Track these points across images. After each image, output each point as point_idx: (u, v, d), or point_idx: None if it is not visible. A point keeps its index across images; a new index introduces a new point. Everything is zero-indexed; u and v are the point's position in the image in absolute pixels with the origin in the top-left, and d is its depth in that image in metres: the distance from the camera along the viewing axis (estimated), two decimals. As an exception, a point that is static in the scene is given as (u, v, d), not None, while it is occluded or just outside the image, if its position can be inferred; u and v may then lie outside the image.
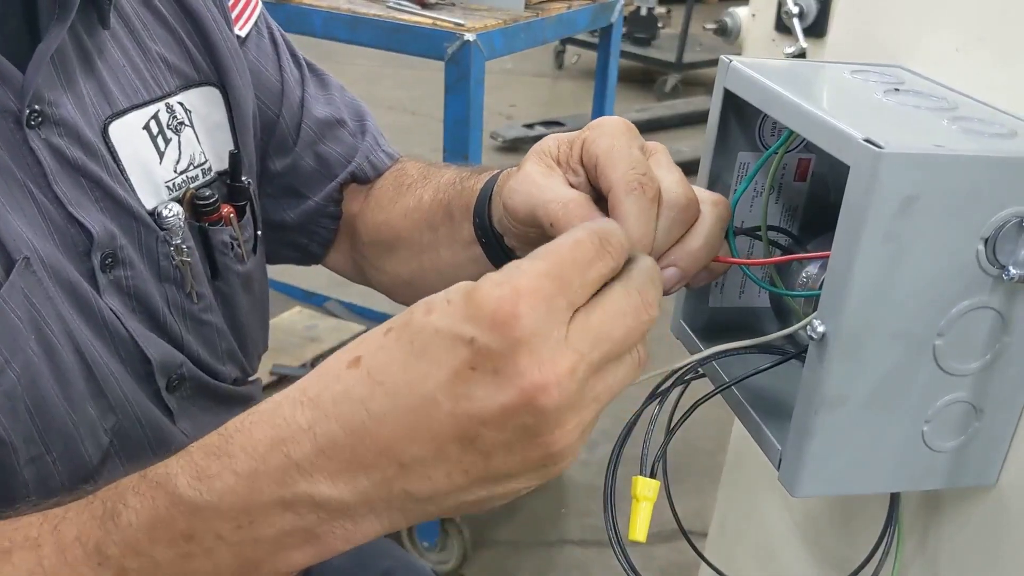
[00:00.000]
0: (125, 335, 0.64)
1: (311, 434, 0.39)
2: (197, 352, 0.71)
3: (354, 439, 0.39)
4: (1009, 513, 0.56)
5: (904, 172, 0.46)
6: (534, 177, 0.56)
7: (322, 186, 0.84)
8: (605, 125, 0.56)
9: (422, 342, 0.39)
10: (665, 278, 0.53)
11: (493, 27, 1.51)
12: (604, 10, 1.80)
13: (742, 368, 0.59)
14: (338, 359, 0.41)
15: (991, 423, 0.54)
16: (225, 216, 0.72)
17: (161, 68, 0.69)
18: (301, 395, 0.40)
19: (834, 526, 0.73)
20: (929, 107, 0.54)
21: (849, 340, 0.49)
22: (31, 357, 0.56)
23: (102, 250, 0.62)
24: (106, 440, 0.63)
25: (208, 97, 0.72)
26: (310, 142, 0.83)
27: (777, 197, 0.66)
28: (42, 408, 0.57)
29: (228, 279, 0.74)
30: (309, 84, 0.84)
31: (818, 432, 0.51)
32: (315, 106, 0.83)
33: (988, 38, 0.58)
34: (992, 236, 0.48)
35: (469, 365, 0.38)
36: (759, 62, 0.60)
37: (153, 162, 0.67)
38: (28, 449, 0.58)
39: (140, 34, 0.69)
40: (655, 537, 1.84)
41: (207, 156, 0.72)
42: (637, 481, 0.52)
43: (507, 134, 4.20)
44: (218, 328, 0.74)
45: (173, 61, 0.71)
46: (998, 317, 0.50)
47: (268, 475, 0.39)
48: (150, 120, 0.67)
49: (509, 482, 0.41)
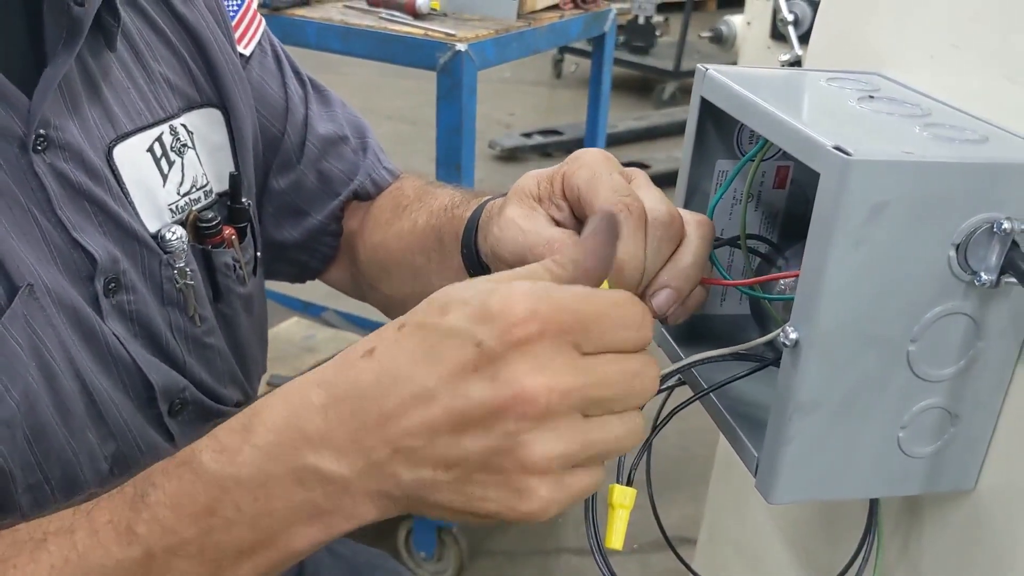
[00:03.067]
0: (128, 360, 0.64)
1: (323, 412, 0.42)
2: (200, 376, 0.71)
3: (358, 422, 0.42)
4: (988, 517, 0.56)
5: (873, 179, 0.46)
6: (517, 222, 0.57)
7: (325, 204, 0.84)
8: (583, 157, 0.56)
9: (433, 339, 0.41)
10: (660, 300, 0.55)
11: (485, 37, 1.52)
12: (596, 19, 1.81)
13: (722, 376, 0.59)
14: (355, 350, 0.44)
15: (967, 428, 0.54)
16: (227, 238, 0.71)
17: (165, 89, 0.69)
18: (319, 378, 0.44)
19: (817, 532, 0.73)
20: (902, 114, 0.55)
21: (822, 346, 0.49)
22: (31, 384, 0.56)
23: (105, 275, 0.62)
24: (106, 467, 0.63)
25: (210, 118, 0.72)
26: (313, 159, 0.83)
27: (756, 205, 0.66)
28: (41, 436, 0.58)
29: (230, 301, 0.74)
30: (312, 101, 0.84)
31: (793, 438, 0.51)
32: (318, 123, 0.83)
33: (962, 45, 0.58)
34: (963, 242, 0.48)
35: (472, 366, 0.40)
36: (736, 70, 0.60)
37: (156, 185, 0.66)
38: (26, 476, 0.58)
39: (144, 55, 0.68)
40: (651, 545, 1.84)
41: (208, 178, 0.72)
42: (614, 489, 0.53)
43: (505, 143, 4.20)
44: (220, 351, 0.74)
45: (176, 82, 0.70)
46: (971, 323, 0.51)
47: (282, 447, 0.43)
48: (154, 143, 0.67)
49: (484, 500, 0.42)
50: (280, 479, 0.43)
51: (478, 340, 0.40)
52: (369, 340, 0.44)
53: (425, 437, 0.41)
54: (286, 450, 0.43)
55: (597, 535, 0.58)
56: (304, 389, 0.44)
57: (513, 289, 0.41)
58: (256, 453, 0.43)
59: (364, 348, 0.43)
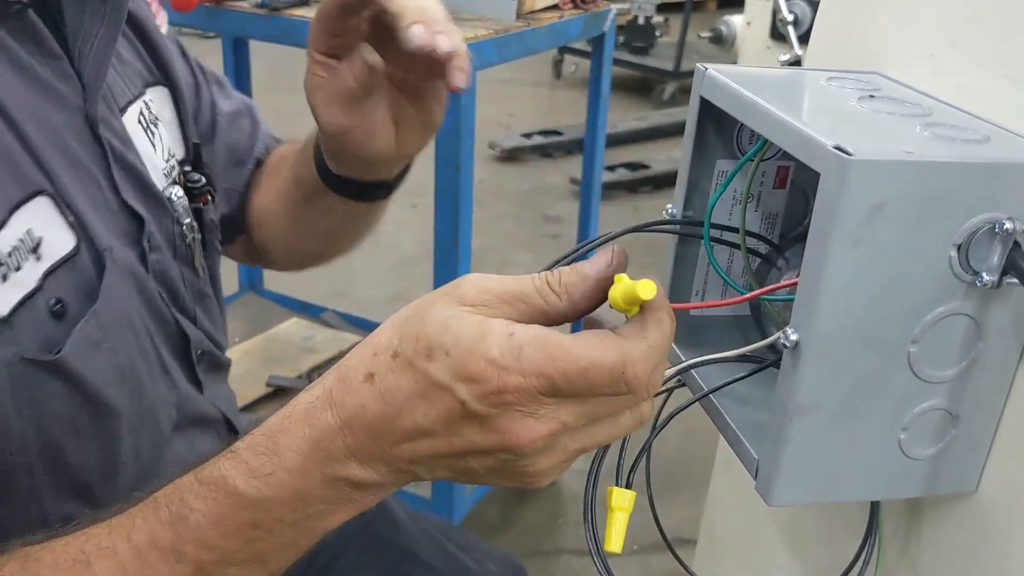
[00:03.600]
0: (169, 316, 0.70)
1: (341, 434, 0.46)
2: (205, 325, 0.78)
3: (372, 441, 0.46)
4: (990, 519, 0.55)
5: (873, 179, 0.45)
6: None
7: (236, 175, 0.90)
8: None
9: (423, 385, 0.45)
10: None
11: (483, 37, 1.51)
12: (596, 20, 1.80)
13: (722, 377, 0.59)
14: (356, 371, 0.47)
15: (969, 430, 0.53)
16: (206, 198, 0.78)
17: (129, 69, 0.74)
18: (328, 399, 0.47)
19: (818, 534, 0.73)
20: (902, 113, 0.54)
21: (822, 347, 0.49)
22: (129, 335, 0.64)
23: (147, 235, 0.67)
24: (174, 414, 0.70)
25: (161, 95, 0.77)
26: (223, 135, 0.89)
27: (756, 205, 0.66)
28: (137, 384, 0.65)
29: (212, 255, 0.81)
30: (211, 82, 0.91)
31: (793, 440, 0.51)
32: (220, 101, 0.90)
33: (962, 43, 0.58)
34: (965, 242, 0.48)
35: (461, 416, 0.45)
36: (735, 70, 0.60)
37: (151, 151, 0.72)
38: (130, 420, 0.64)
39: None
40: (652, 546, 1.84)
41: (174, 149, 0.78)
42: (612, 492, 0.52)
43: (505, 143, 4.20)
44: (214, 301, 0.81)
45: (132, 63, 0.75)
46: (972, 323, 0.50)
47: (313, 467, 0.47)
48: (140, 115, 0.72)
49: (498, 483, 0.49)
50: (315, 491, 0.47)
51: (462, 399, 0.44)
52: (364, 362, 0.47)
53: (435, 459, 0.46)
54: (317, 468, 0.47)
55: (596, 537, 0.58)
56: (318, 412, 0.47)
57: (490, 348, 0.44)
58: (289, 476, 0.47)
59: (363, 372, 0.47)
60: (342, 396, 0.47)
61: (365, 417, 0.46)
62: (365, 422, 0.46)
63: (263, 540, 0.48)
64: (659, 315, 0.47)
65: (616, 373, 0.45)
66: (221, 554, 0.48)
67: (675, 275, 0.66)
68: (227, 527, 0.48)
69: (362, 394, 0.46)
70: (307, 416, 0.47)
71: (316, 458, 0.47)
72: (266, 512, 0.48)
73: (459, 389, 0.44)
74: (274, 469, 0.47)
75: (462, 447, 0.46)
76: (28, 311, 0.56)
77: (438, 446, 0.46)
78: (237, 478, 0.48)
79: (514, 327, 0.45)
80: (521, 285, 0.47)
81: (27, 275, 0.56)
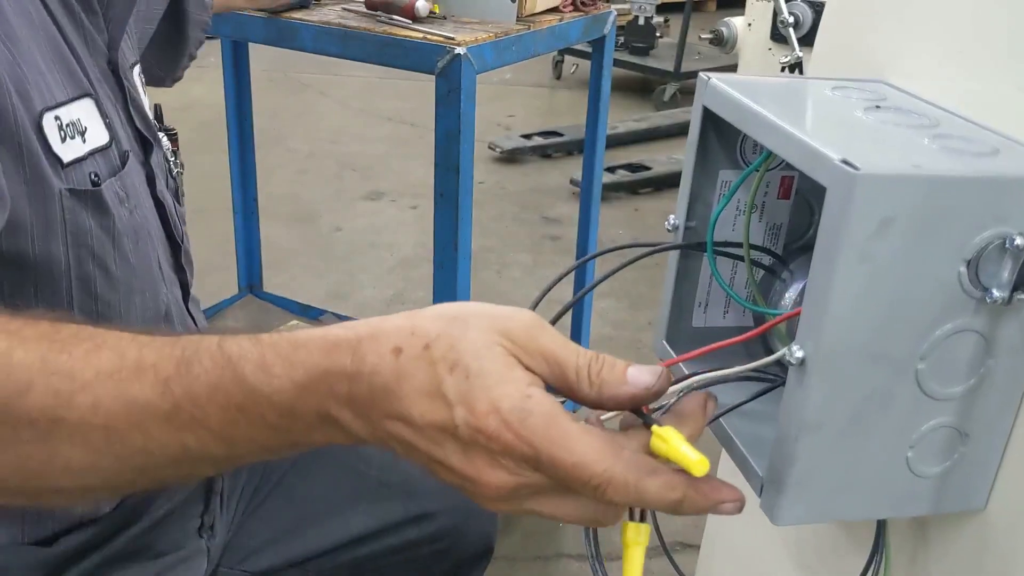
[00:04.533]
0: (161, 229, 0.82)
1: (349, 381, 0.49)
2: (188, 250, 0.89)
3: (371, 404, 0.48)
4: (999, 537, 0.55)
5: (881, 194, 0.44)
6: None
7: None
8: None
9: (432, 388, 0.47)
10: None
11: (484, 40, 1.50)
12: (597, 22, 1.79)
13: (728, 394, 0.58)
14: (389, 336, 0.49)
15: (977, 448, 0.53)
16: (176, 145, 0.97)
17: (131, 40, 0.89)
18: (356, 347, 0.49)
19: (823, 549, 0.72)
20: (910, 124, 0.53)
21: (828, 364, 0.48)
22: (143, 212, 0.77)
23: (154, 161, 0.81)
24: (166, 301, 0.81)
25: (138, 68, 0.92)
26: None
27: (760, 215, 0.65)
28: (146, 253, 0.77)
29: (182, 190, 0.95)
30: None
31: (799, 459, 0.50)
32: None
33: (970, 53, 0.57)
34: (974, 258, 0.47)
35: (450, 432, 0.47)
36: (739, 79, 0.59)
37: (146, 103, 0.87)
38: (141, 281, 0.76)
39: None
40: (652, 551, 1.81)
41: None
42: (627, 527, 0.50)
43: (505, 144, 4.18)
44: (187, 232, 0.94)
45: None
46: (982, 340, 0.49)
47: (314, 393, 0.49)
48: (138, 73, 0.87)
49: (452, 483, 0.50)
50: (306, 412, 0.50)
51: (456, 423, 0.46)
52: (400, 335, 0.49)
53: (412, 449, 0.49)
54: (317, 395, 0.49)
55: (595, 544, 0.57)
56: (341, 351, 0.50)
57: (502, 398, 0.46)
58: (292, 386, 0.50)
59: (394, 343, 0.48)
60: (366, 351, 0.49)
61: (374, 380, 0.48)
62: (372, 384, 0.48)
63: (240, 425, 0.51)
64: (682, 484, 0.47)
65: (595, 483, 0.46)
66: (200, 412, 0.51)
67: (677, 287, 0.65)
68: (218, 396, 0.51)
69: (383, 360, 0.48)
70: (331, 348, 0.50)
71: (320, 387, 0.49)
72: (256, 404, 0.50)
73: (458, 412, 0.46)
74: (281, 373, 0.50)
75: (437, 456, 0.48)
76: (75, 169, 0.70)
77: (418, 442, 0.48)
78: (248, 363, 0.50)
79: (535, 391, 0.46)
80: (565, 354, 0.48)
81: (77, 146, 0.70)
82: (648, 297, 2.90)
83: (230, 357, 0.51)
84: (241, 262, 2.59)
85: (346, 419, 0.49)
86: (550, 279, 0.62)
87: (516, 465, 0.46)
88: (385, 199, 3.70)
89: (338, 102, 4.72)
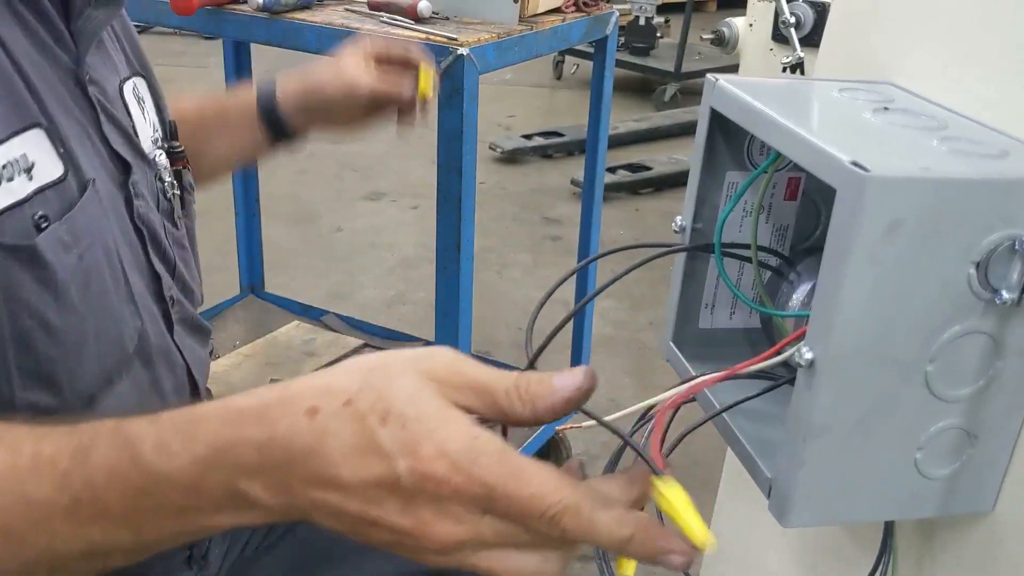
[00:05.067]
0: (142, 255, 0.77)
1: (260, 451, 0.46)
2: (182, 273, 0.85)
3: (285, 471, 0.46)
4: (1007, 539, 0.55)
5: (891, 196, 0.44)
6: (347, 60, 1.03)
7: None
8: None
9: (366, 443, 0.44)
10: None
11: (486, 41, 1.50)
12: (598, 23, 1.79)
13: (732, 392, 0.58)
14: (301, 398, 0.46)
15: (986, 449, 0.53)
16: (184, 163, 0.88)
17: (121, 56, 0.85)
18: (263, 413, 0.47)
19: (829, 551, 0.72)
20: (918, 127, 0.53)
21: (838, 367, 0.48)
22: (99, 251, 0.70)
23: (132, 182, 0.76)
24: (135, 338, 0.75)
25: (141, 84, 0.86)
26: None
27: (767, 217, 0.65)
28: (103, 294, 0.70)
29: (190, 213, 0.90)
30: None
31: (808, 461, 0.50)
32: None
33: (978, 54, 0.57)
34: (984, 260, 0.47)
35: (389, 488, 0.44)
36: (746, 80, 0.59)
37: (141, 120, 0.82)
38: (95, 323, 0.69)
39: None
40: (655, 552, 1.75)
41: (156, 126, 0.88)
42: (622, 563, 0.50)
43: (506, 145, 4.19)
44: (191, 254, 0.89)
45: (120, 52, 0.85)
46: (991, 342, 0.49)
47: (219, 467, 0.47)
48: (133, 89, 0.83)
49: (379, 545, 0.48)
50: (212, 490, 0.47)
51: (398, 474, 0.44)
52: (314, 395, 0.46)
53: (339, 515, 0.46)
54: (222, 469, 0.47)
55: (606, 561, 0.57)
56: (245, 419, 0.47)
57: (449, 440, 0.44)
58: (194, 463, 0.47)
59: (309, 403, 0.46)
60: (277, 416, 0.46)
61: (292, 445, 0.45)
62: (289, 450, 0.45)
63: (144, 510, 0.49)
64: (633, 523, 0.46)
65: (551, 513, 0.44)
66: (100, 503, 0.49)
67: (684, 289, 0.65)
68: (116, 482, 0.49)
69: (298, 423, 0.46)
70: (234, 418, 0.48)
71: (225, 460, 0.47)
72: (157, 485, 0.48)
73: (400, 463, 0.44)
74: (181, 450, 0.47)
75: (372, 516, 0.45)
76: (14, 215, 0.63)
77: (349, 505, 0.45)
78: (147, 442, 0.48)
79: (479, 431, 0.45)
80: (491, 380, 0.47)
81: (18, 187, 0.63)
82: (649, 297, 2.91)
83: (127, 438, 0.49)
84: (242, 263, 2.58)
85: (256, 492, 0.47)
86: (551, 279, 0.62)
87: (465, 511, 0.44)
88: (386, 199, 3.70)
89: (338, 102, 4.71)
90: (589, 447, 2.18)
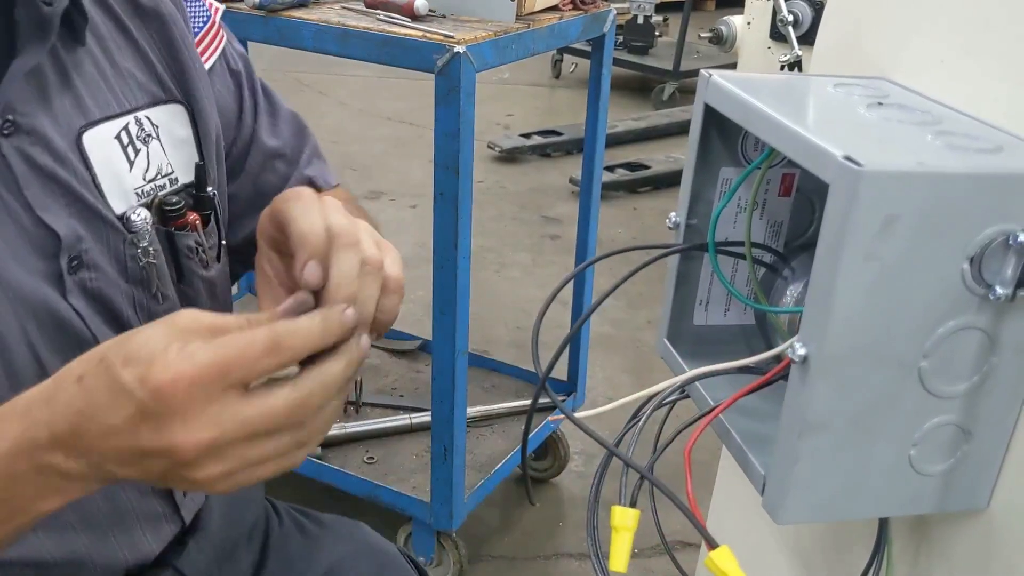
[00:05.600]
0: (88, 335, 0.68)
1: (48, 427, 0.52)
2: None
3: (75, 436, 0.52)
4: (1001, 536, 0.54)
5: (885, 191, 0.44)
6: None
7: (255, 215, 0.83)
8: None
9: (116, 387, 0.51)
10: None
11: (483, 39, 1.50)
12: (596, 21, 1.79)
13: (726, 389, 0.58)
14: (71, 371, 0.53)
15: (980, 445, 0.52)
16: (191, 222, 0.75)
17: (131, 84, 0.73)
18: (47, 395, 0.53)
19: (824, 547, 0.72)
20: (913, 121, 0.53)
21: (832, 363, 0.48)
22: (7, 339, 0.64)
23: (69, 253, 0.66)
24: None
25: (174, 114, 0.76)
26: (253, 173, 0.87)
27: (761, 213, 0.65)
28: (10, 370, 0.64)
29: (193, 283, 0.78)
30: (261, 113, 0.88)
31: (802, 457, 0.50)
32: (264, 136, 0.88)
33: (973, 49, 0.57)
34: (978, 255, 0.47)
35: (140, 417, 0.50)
36: (740, 76, 0.58)
37: (124, 170, 0.71)
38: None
39: (112, 51, 0.73)
40: (653, 550, 1.81)
41: (173, 168, 0.76)
42: (615, 511, 0.51)
43: (504, 144, 4.18)
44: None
45: (140, 78, 0.74)
46: (985, 337, 0.49)
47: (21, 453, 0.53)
48: (121, 131, 0.71)
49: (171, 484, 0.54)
50: (24, 473, 0.53)
51: (139, 400, 0.50)
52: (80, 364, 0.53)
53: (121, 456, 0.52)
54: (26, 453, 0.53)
55: (598, 545, 0.57)
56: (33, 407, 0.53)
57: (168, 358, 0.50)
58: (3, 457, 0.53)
59: (77, 373, 0.52)
60: (54, 393, 0.53)
61: (70, 413, 0.52)
62: (70, 417, 0.52)
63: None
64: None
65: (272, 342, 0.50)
66: None
67: (678, 286, 0.65)
68: None
69: (71, 392, 0.52)
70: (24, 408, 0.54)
71: (25, 447, 0.53)
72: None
73: (139, 391, 0.49)
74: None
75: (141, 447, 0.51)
76: None
77: (124, 443, 0.51)
78: None
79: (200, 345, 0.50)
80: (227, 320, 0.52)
81: None
82: (647, 295, 2.90)
83: None
84: (240, 262, 2.58)
85: (60, 463, 0.52)
86: (549, 278, 0.62)
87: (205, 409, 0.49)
88: (384, 199, 3.70)
89: (337, 102, 4.71)
90: (587, 446, 2.18)
